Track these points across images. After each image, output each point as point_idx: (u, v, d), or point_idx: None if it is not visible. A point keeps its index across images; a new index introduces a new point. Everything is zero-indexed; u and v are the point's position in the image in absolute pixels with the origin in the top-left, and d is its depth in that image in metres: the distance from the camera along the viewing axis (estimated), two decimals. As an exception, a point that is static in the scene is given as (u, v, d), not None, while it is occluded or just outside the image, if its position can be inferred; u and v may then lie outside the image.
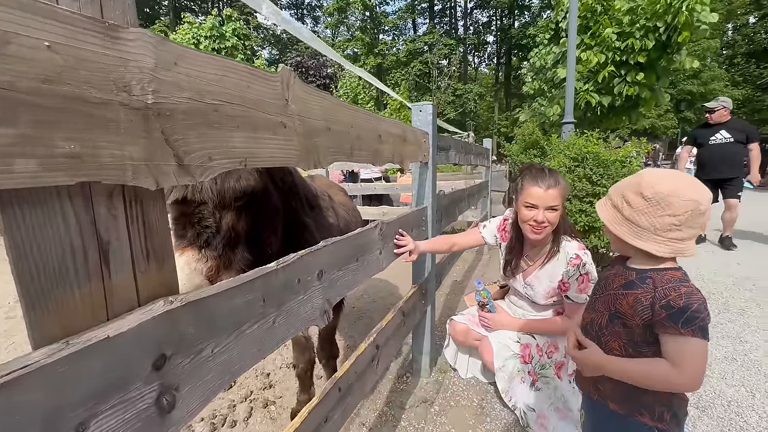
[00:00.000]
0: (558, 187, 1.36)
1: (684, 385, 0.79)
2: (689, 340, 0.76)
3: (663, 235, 0.82)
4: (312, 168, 0.85)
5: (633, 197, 0.85)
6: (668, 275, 0.83)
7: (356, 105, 1.16)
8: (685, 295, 0.78)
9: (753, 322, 2.33)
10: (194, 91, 0.54)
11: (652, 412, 0.85)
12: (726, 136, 3.95)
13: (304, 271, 0.83)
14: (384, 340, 1.32)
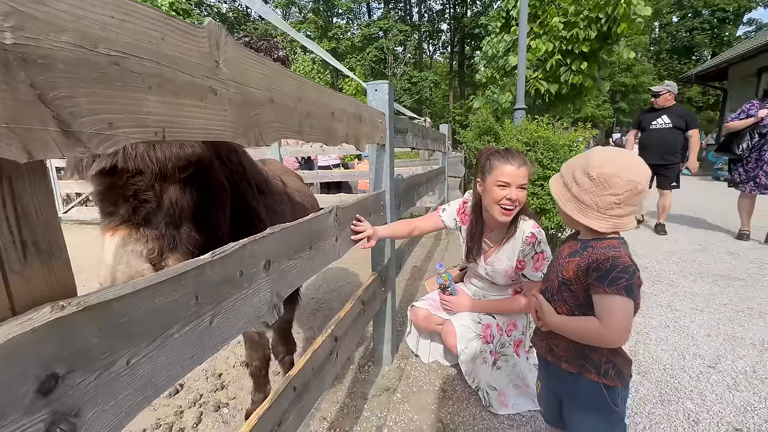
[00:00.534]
0: (527, 165, 1.38)
1: (610, 338, 0.86)
2: (613, 298, 0.83)
3: (605, 213, 0.89)
4: (253, 145, 0.75)
5: (580, 176, 0.91)
6: (605, 243, 0.90)
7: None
8: (611, 258, 0.85)
9: (681, 291, 2.57)
10: (81, 35, 0.42)
11: (598, 369, 0.91)
12: (666, 121, 3.98)
13: (247, 261, 0.73)
14: (343, 332, 1.26)
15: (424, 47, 31.11)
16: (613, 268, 0.84)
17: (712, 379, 1.59)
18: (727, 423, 1.33)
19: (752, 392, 1.50)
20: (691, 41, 23.36)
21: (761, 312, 2.22)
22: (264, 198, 1.15)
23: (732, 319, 2.13)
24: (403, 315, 2.40)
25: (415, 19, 29.81)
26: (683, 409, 1.41)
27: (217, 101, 0.63)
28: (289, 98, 0.87)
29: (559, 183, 0.97)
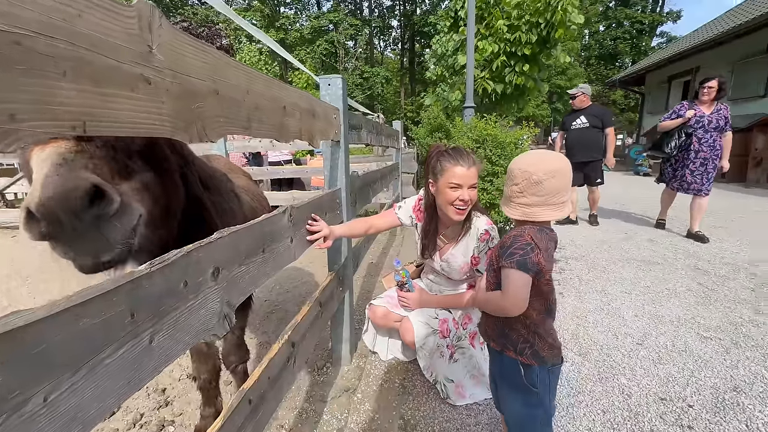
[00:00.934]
0: (477, 165, 1.40)
1: (505, 307, 0.96)
2: (510, 272, 0.94)
3: (514, 201, 1.02)
4: (196, 141, 0.68)
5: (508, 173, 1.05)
6: (520, 228, 1.01)
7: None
8: (512, 237, 0.97)
9: (612, 276, 2.84)
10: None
11: (515, 347, 1.01)
12: (584, 121, 4.24)
13: (193, 270, 0.66)
14: (300, 337, 1.21)
15: (375, 43, 31.09)
16: (511, 245, 0.96)
17: (640, 355, 1.77)
18: (654, 394, 1.49)
19: (672, 364, 1.69)
20: (614, 49, 25.82)
21: (676, 292, 2.51)
22: (211, 195, 1.06)
23: (654, 300, 2.39)
24: (360, 313, 2.39)
25: (365, 14, 29.64)
26: (618, 384, 1.55)
27: (151, 92, 0.56)
28: (236, 90, 0.80)
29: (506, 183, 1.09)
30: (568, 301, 2.39)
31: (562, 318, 2.16)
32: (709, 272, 2.86)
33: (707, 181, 3.65)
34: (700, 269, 2.93)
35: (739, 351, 1.79)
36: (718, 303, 2.32)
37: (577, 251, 3.51)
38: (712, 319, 2.12)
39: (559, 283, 2.72)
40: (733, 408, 1.40)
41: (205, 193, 1.01)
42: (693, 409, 1.40)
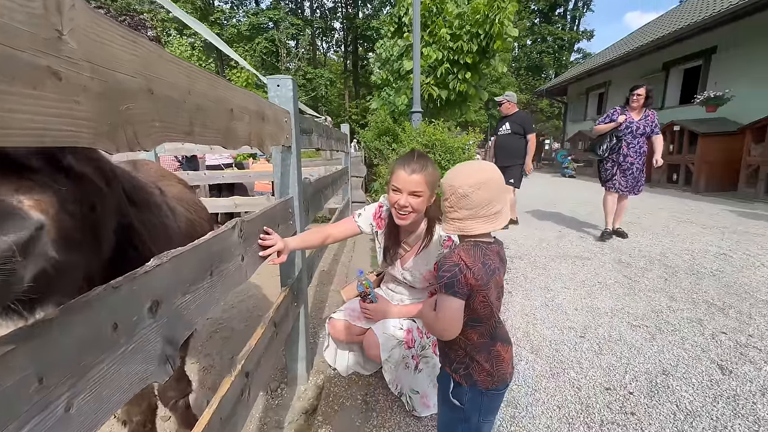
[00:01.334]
0: (423, 173, 1.32)
1: (440, 331, 0.95)
2: (441, 296, 0.93)
3: (448, 217, 0.99)
4: (125, 149, 0.55)
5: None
6: (452, 247, 1.02)
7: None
8: (444, 258, 0.96)
9: (552, 273, 3.04)
10: None
11: (451, 365, 1.01)
12: (507, 128, 4.42)
13: (124, 308, 0.54)
14: (254, 365, 1.09)
15: (318, 44, 30.60)
16: (441, 267, 0.94)
17: (584, 348, 1.90)
18: (599, 384, 1.60)
19: (611, 354, 1.84)
20: (540, 61, 28.27)
21: (606, 285, 2.77)
22: (140, 212, 0.90)
23: (590, 294, 2.60)
24: (316, 326, 2.27)
25: (307, 14, 29.06)
26: (569, 378, 1.65)
27: (63, 89, 0.44)
28: (176, 90, 0.68)
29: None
30: (517, 300, 2.51)
31: (513, 317, 2.26)
32: (631, 265, 3.20)
33: (635, 184, 3.89)
34: (623, 262, 3.27)
35: (662, 336, 2.00)
36: (641, 293, 2.59)
37: (519, 250, 3.72)
38: (638, 308, 2.35)
39: (508, 282, 2.85)
40: (665, 390, 1.55)
41: (132, 210, 0.85)
42: (633, 395, 1.52)
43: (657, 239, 4.01)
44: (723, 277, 2.86)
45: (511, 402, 1.49)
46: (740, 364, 1.73)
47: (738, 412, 1.41)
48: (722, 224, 4.63)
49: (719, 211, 5.45)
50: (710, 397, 1.50)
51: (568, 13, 29.32)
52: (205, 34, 1.39)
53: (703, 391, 1.54)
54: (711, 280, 2.80)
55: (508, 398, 1.52)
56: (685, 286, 2.71)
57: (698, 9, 9.06)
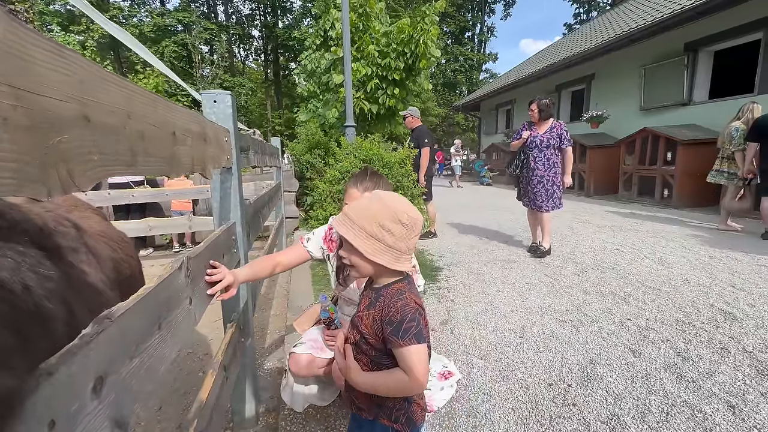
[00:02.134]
0: (376, 189, 1.30)
1: (417, 387, 0.87)
2: (410, 349, 0.84)
3: (410, 254, 0.93)
4: (58, 193, 0.44)
5: (394, 226, 0.88)
6: (394, 289, 0.91)
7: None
8: (400, 309, 0.86)
9: (486, 278, 3.26)
10: None
11: (390, 416, 0.94)
12: (409, 141, 4.59)
13: (62, 398, 0.42)
14: (207, 422, 0.94)
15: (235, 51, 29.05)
16: (403, 320, 0.85)
17: (525, 347, 2.05)
18: (543, 381, 1.74)
19: (547, 350, 2.02)
20: (455, 79, 30.70)
21: (533, 285, 3.05)
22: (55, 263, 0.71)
23: (521, 294, 2.84)
24: (259, 358, 2.09)
25: (221, 19, 27.45)
26: (516, 379, 1.76)
27: (-25, 123, 0.33)
28: (114, 115, 0.57)
29: (361, 237, 0.88)
30: (460, 307, 2.63)
31: (460, 325, 2.35)
32: (550, 264, 3.58)
33: (548, 198, 3.85)
34: (543, 263, 3.65)
35: (584, 328, 2.26)
36: (561, 290, 2.91)
37: (455, 257, 3.92)
38: (561, 304, 2.64)
39: (448, 290, 2.97)
40: (595, 379, 1.74)
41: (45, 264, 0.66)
42: (572, 387, 1.69)
43: (565, 239, 4.56)
44: (620, 269, 3.37)
45: (471, 412, 1.54)
46: (645, 345, 2.03)
47: (651, 389, 1.65)
48: (611, 223, 5.47)
49: (607, 212, 6.43)
50: (629, 379, 1.73)
51: (475, 36, 32.41)
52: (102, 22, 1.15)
53: (623, 375, 1.77)
54: (612, 273, 3.26)
55: (467, 408, 1.56)
56: (594, 280, 3.12)
57: (581, 41, 10.74)
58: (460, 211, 6.88)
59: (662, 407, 1.53)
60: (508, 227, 5.39)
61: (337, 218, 0.95)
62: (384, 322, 0.87)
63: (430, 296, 2.84)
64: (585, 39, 10.59)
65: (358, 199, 1.25)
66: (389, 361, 0.90)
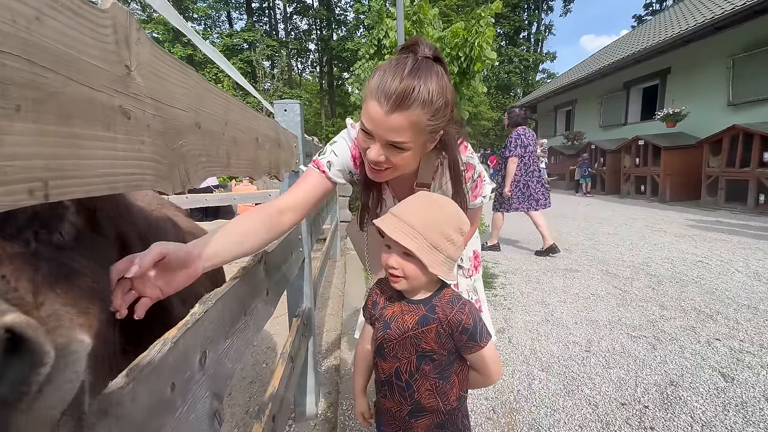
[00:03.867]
0: (411, 110, 0.77)
1: (493, 383, 0.91)
2: (487, 348, 0.82)
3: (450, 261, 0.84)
4: (178, 189, 0.51)
5: (457, 236, 0.82)
6: (446, 297, 0.85)
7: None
8: (469, 313, 0.81)
9: (546, 287, 3.09)
10: None
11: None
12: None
13: (181, 365, 0.49)
14: (278, 406, 1.01)
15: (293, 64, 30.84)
16: (476, 323, 0.81)
17: (592, 362, 1.91)
18: (614, 400, 1.61)
19: (618, 367, 1.86)
20: (509, 81, 29.66)
21: (599, 296, 2.83)
22: None
23: (586, 306, 2.65)
24: (317, 356, 2.18)
25: (281, 36, 29.34)
26: (584, 395, 1.64)
27: (131, 129, 0.40)
28: (216, 122, 0.65)
29: (425, 249, 0.78)
30: (518, 316, 2.52)
31: (518, 333, 2.26)
32: (618, 275, 3.30)
33: (524, 200, 4.17)
34: (611, 273, 3.37)
35: (662, 346, 2.05)
36: (633, 303, 2.67)
37: (511, 265, 3.77)
38: (634, 319, 2.41)
39: (505, 298, 2.86)
40: (677, 402, 1.57)
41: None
42: (649, 409, 1.54)
43: (637, 249, 4.17)
44: (704, 283, 3.00)
45: (533, 425, 1.47)
46: (740, 370, 1.79)
47: (749, 419, 1.45)
48: (693, 232, 4.89)
49: (687, 220, 5.77)
50: (720, 405, 1.54)
51: (531, 36, 31.09)
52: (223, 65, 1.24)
53: (712, 400, 1.57)
54: (694, 287, 2.92)
55: (529, 421, 1.49)
56: (672, 294, 2.81)
57: (651, 34, 9.84)
58: (514, 217, 6.60)
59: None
60: (568, 234, 5.06)
61: (391, 224, 0.79)
62: (457, 331, 0.80)
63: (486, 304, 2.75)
64: (657, 31, 9.67)
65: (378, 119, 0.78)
66: (452, 369, 0.85)
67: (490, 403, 1.62)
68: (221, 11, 26.84)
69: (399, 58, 0.80)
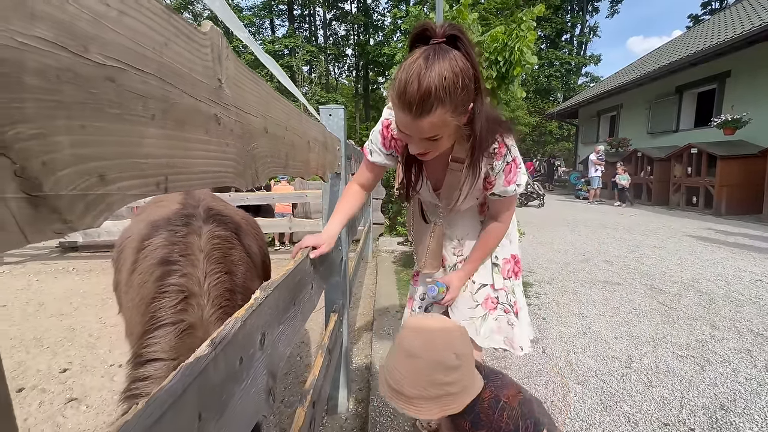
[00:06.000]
0: (433, 112, 0.82)
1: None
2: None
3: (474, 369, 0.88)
4: (249, 186, 0.58)
5: (451, 375, 0.83)
6: (486, 403, 0.86)
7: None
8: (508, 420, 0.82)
9: (584, 299, 2.97)
10: (64, 27, 0.24)
11: None
12: None
13: (247, 342, 0.55)
14: (318, 393, 1.07)
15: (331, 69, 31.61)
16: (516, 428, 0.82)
17: (632, 379, 1.83)
18: (656, 419, 1.54)
19: (662, 386, 1.77)
20: (548, 85, 28.68)
21: (643, 312, 2.69)
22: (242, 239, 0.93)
23: (627, 321, 2.53)
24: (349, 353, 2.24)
25: (320, 41, 30.19)
26: (623, 412, 1.58)
27: (220, 133, 0.47)
28: (279, 127, 0.71)
29: (429, 407, 0.83)
30: (553, 327, 2.45)
31: (552, 344, 2.20)
32: (664, 291, 3.12)
33: None
34: (656, 288, 3.19)
35: (712, 368, 1.92)
36: (680, 321, 2.51)
37: (546, 274, 3.66)
38: (681, 337, 2.28)
39: (539, 308, 2.79)
40: (727, 428, 1.47)
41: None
42: (695, 432, 1.46)
43: (687, 264, 3.91)
44: (763, 304, 2.77)
45: (567, 437, 1.44)
46: (802, 399, 1.64)
47: (811, 452, 1.34)
48: (751, 248, 4.51)
49: (746, 235, 5.32)
50: (778, 435, 1.43)
51: (574, 39, 29.94)
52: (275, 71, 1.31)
53: (769, 429, 1.46)
54: (752, 308, 2.70)
55: (563, 433, 1.46)
56: (726, 314, 2.62)
57: (709, 35, 9.18)
58: (551, 225, 6.39)
59: (829, 477, 1.23)
60: (610, 246, 4.83)
61: (390, 397, 0.86)
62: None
63: (518, 312, 2.70)
64: (716, 32, 9.00)
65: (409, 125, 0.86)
66: None
67: (522, 411, 1.60)
68: (265, 19, 28.05)
69: (412, 58, 0.82)
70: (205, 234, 0.84)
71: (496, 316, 1.22)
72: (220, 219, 0.92)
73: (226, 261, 0.83)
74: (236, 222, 1.00)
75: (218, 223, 0.89)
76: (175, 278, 0.76)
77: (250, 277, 0.92)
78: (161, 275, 0.76)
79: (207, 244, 0.83)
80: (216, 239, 0.85)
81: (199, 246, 0.82)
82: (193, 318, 0.74)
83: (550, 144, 27.26)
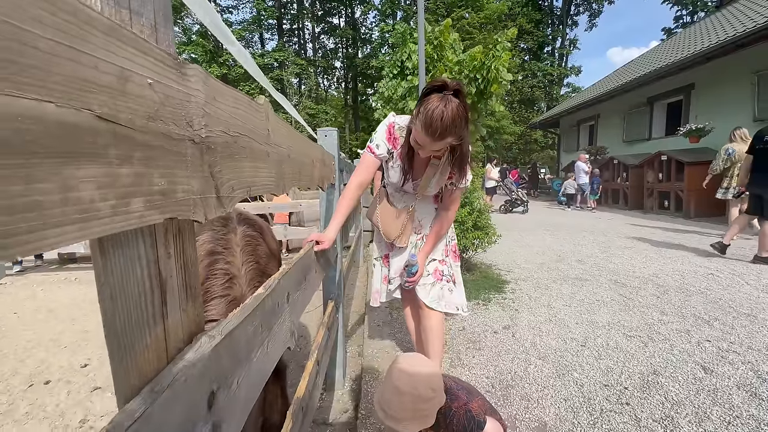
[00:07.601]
0: (445, 138, 1.27)
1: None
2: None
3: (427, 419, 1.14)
4: (280, 193, 0.89)
5: (426, 406, 1.12)
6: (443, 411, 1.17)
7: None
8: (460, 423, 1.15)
9: (554, 293, 3.31)
10: (225, 124, 0.55)
11: None
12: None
13: (280, 294, 0.85)
14: (321, 355, 1.37)
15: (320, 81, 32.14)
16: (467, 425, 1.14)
17: (585, 354, 2.15)
18: (599, 382, 1.85)
19: (609, 359, 2.09)
20: (532, 95, 29.68)
21: (604, 302, 3.04)
22: (264, 239, 1.25)
23: (589, 310, 2.87)
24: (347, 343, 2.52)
25: (309, 54, 30.76)
26: (572, 378, 1.90)
27: (269, 161, 0.78)
28: (297, 152, 1.03)
29: (420, 423, 1.12)
30: (524, 316, 2.77)
31: (521, 331, 2.52)
32: (626, 285, 3.48)
33: None
34: (619, 283, 3.55)
35: (653, 344, 2.26)
36: (635, 309, 2.86)
37: (523, 273, 4.00)
38: (632, 322, 2.62)
39: (513, 301, 3.12)
40: (655, 386, 1.80)
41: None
42: (628, 390, 1.78)
43: (650, 262, 4.30)
44: (710, 294, 3.15)
45: (524, 396, 1.74)
46: (721, 365, 1.99)
47: (716, 401, 1.67)
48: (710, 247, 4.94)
49: (708, 236, 5.77)
50: (693, 390, 1.76)
51: (555, 51, 31.10)
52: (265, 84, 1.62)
53: (688, 387, 1.79)
54: (699, 297, 3.07)
55: (521, 393, 1.77)
56: (675, 302, 2.98)
57: (678, 48, 9.85)
58: (533, 229, 6.78)
59: (724, 417, 1.56)
60: (584, 247, 5.22)
61: (383, 419, 1.15)
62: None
63: (494, 305, 3.02)
64: (683, 45, 9.68)
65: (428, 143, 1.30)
66: None
67: (490, 380, 1.90)
68: (254, 33, 28.50)
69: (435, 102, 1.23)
70: (239, 233, 1.14)
71: (441, 285, 1.66)
72: (249, 222, 1.22)
73: (255, 253, 1.12)
74: (260, 225, 1.29)
75: (248, 225, 1.19)
76: (221, 264, 1.05)
77: (271, 266, 1.21)
78: (210, 263, 1.05)
79: (241, 241, 1.13)
80: (247, 237, 1.14)
81: (235, 241, 1.11)
82: (236, 293, 1.03)
83: (535, 152, 28.03)
